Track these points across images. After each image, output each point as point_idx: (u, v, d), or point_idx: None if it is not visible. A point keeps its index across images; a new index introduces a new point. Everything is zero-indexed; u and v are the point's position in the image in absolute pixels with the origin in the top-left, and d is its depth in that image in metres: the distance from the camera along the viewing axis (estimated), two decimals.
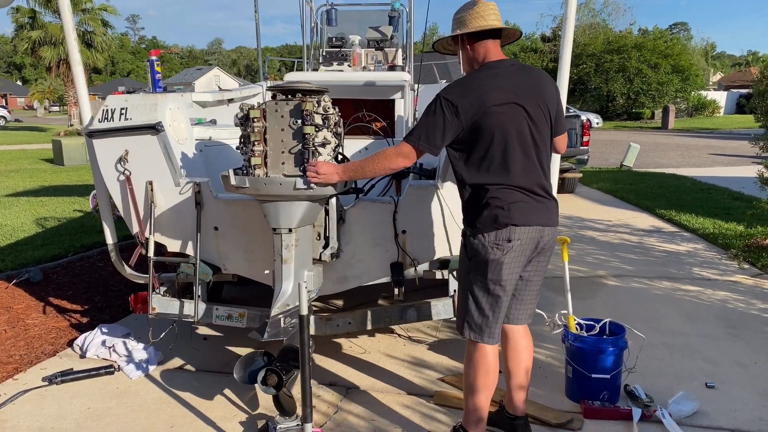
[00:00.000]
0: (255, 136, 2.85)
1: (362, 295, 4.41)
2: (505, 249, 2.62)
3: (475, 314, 2.74)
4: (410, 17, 6.76)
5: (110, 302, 5.18)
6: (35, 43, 29.67)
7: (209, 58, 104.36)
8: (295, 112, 2.83)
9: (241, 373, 3.16)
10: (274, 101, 2.87)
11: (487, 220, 2.63)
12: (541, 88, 2.71)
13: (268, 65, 8.42)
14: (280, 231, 2.95)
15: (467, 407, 2.86)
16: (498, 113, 2.58)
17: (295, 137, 2.85)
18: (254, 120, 2.85)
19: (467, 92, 2.61)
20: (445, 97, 2.61)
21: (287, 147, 2.86)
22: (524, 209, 2.63)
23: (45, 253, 6.57)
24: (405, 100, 5.52)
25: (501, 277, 2.66)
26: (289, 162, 2.87)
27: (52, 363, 4.00)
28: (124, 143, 3.39)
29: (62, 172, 15.08)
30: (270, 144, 2.86)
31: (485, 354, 2.76)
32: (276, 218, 2.93)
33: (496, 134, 2.59)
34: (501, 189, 2.62)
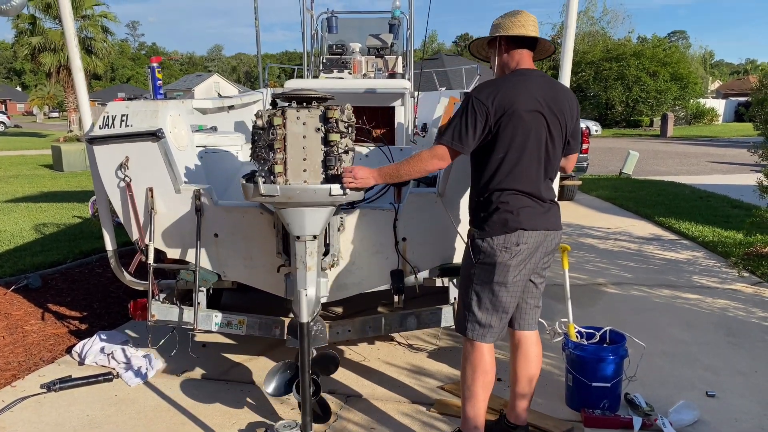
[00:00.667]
0: (278, 143, 2.80)
1: (362, 302, 4.41)
2: (513, 252, 2.68)
3: (478, 314, 2.77)
4: (410, 25, 6.79)
5: (109, 309, 5.16)
6: (35, 49, 29.67)
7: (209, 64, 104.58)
8: (321, 119, 2.80)
9: (274, 384, 3.14)
10: (295, 108, 2.82)
11: (497, 224, 2.69)
12: (564, 103, 2.76)
13: (268, 72, 8.44)
14: (304, 238, 2.92)
15: (465, 413, 2.86)
16: (523, 118, 2.63)
17: (318, 144, 2.80)
18: (277, 127, 2.79)
19: (498, 93, 2.65)
20: (476, 96, 2.66)
21: (309, 154, 2.79)
22: (532, 214, 2.71)
23: (44, 259, 6.56)
24: (405, 107, 5.53)
25: (507, 279, 2.72)
26: (311, 169, 2.80)
27: (51, 370, 3.98)
28: (125, 150, 3.38)
29: (61, 178, 15.08)
30: (290, 151, 2.81)
31: (483, 354, 2.80)
32: (301, 225, 2.89)
33: (517, 139, 2.65)
34: (512, 194, 2.69)
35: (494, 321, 2.78)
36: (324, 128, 2.78)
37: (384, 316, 3.71)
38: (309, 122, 2.78)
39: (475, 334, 2.80)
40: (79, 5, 28.69)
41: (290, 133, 2.78)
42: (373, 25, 7.16)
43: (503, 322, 2.83)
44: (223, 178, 4.15)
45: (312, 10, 7.38)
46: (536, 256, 2.78)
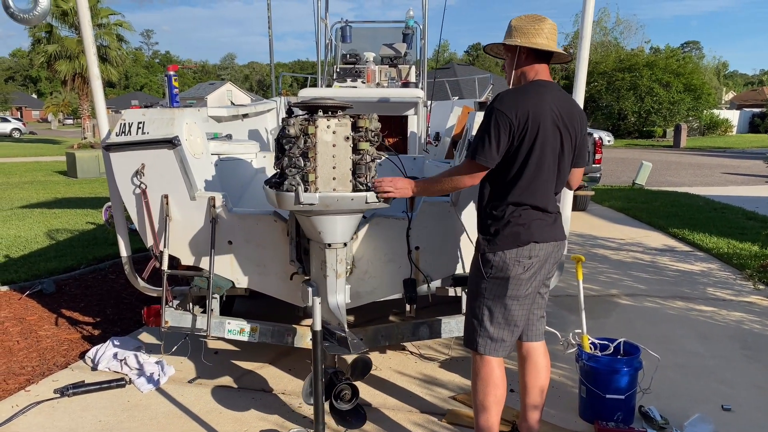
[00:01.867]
0: (311, 152, 2.81)
1: (374, 311, 4.41)
2: (526, 266, 2.67)
3: (490, 329, 2.75)
4: (424, 34, 6.81)
5: (122, 315, 5.19)
6: (51, 57, 30.09)
7: (222, 73, 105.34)
8: (351, 128, 2.82)
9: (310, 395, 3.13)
10: (326, 117, 2.84)
11: (510, 238, 2.66)
12: (575, 118, 2.73)
13: (281, 81, 8.49)
14: (336, 246, 2.93)
15: (479, 426, 2.84)
16: (543, 132, 2.60)
17: (347, 153, 2.81)
18: (311, 135, 2.78)
19: (520, 105, 2.60)
20: (499, 108, 2.60)
21: (338, 163, 2.80)
22: (542, 226, 2.70)
23: (58, 264, 6.61)
24: (418, 116, 5.54)
25: (520, 293, 2.70)
26: (340, 178, 2.81)
27: (64, 375, 4.00)
28: (141, 157, 3.41)
29: (75, 184, 15.21)
30: (319, 160, 2.80)
31: (493, 368, 2.78)
32: (333, 233, 2.89)
33: (534, 152, 2.61)
34: (523, 208, 2.67)
35: (506, 335, 2.77)
36: (354, 137, 2.79)
37: (396, 325, 3.71)
38: (339, 131, 2.79)
39: (487, 349, 2.78)
40: (95, 14, 29.09)
41: (320, 141, 2.78)
42: (387, 34, 7.20)
43: (514, 336, 2.81)
44: (238, 185, 4.17)
45: (326, 20, 7.43)
46: (546, 268, 2.77)
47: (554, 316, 4.97)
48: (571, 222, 9.96)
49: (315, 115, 2.81)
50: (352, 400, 3.06)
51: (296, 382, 3.88)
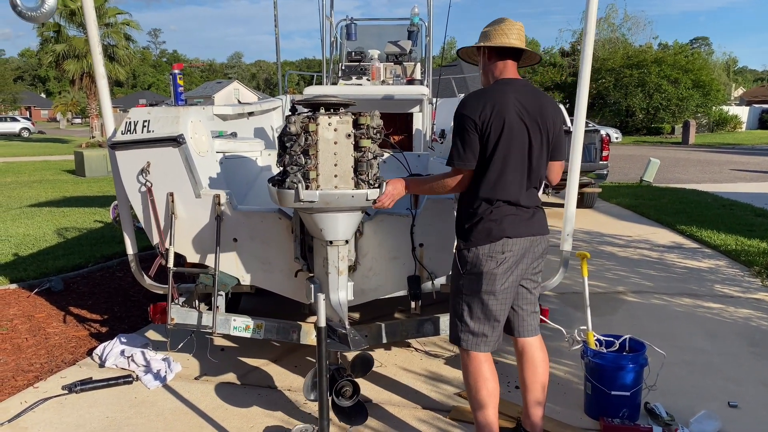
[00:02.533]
0: (312, 149, 2.83)
1: (379, 308, 4.40)
2: (499, 261, 2.72)
3: (471, 324, 2.80)
4: (429, 32, 6.80)
5: (129, 312, 5.22)
6: (59, 57, 30.28)
7: (229, 71, 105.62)
8: (352, 125, 2.82)
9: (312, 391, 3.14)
10: (327, 114, 2.84)
11: (482, 234, 2.73)
12: (545, 112, 2.78)
13: (288, 79, 8.50)
14: (337, 243, 2.95)
15: (478, 423, 2.86)
16: (506, 128, 2.67)
17: (349, 150, 2.82)
18: (312, 133, 2.79)
19: (481, 104, 2.70)
20: (462, 112, 2.73)
21: (340, 160, 2.81)
22: (515, 222, 2.75)
23: (66, 262, 6.66)
24: (423, 113, 5.54)
25: (495, 288, 2.74)
26: (341, 175, 2.82)
27: (72, 372, 4.03)
28: (146, 155, 3.43)
29: (83, 183, 15.30)
30: (321, 157, 2.82)
31: (480, 362, 2.82)
32: (335, 230, 2.90)
33: (499, 149, 2.68)
34: (495, 203, 2.73)
35: (487, 330, 2.81)
36: (355, 134, 2.80)
37: (401, 322, 3.72)
38: (340, 128, 2.79)
39: (470, 344, 2.83)
40: (103, 13, 29.26)
41: (322, 138, 2.78)
42: (392, 32, 7.20)
43: (497, 331, 2.84)
44: (243, 183, 4.18)
45: (331, 18, 7.44)
46: (524, 263, 2.80)
47: (560, 313, 4.96)
48: (579, 219, 9.94)
49: (316, 113, 2.81)
50: (353, 397, 3.07)
51: (301, 380, 3.89)
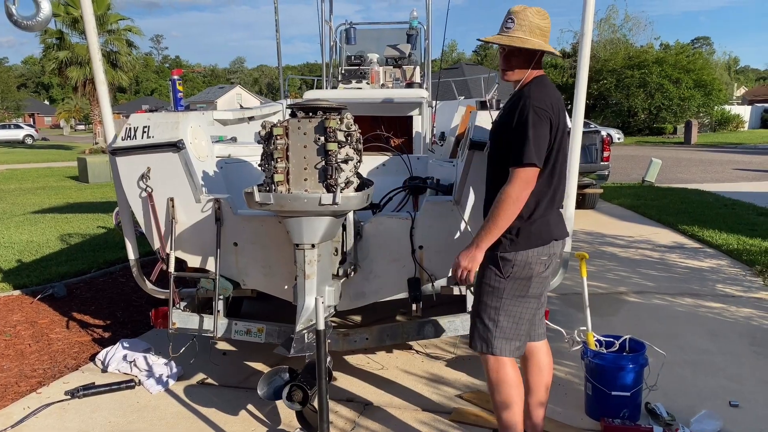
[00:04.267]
0: (278, 153, 2.88)
1: (380, 310, 4.43)
2: (547, 264, 2.67)
3: (507, 330, 2.70)
4: (428, 35, 6.82)
5: (132, 317, 5.24)
6: (62, 64, 30.38)
7: (231, 76, 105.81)
8: (319, 129, 2.86)
9: (266, 389, 3.17)
10: (296, 119, 2.90)
11: (535, 236, 2.62)
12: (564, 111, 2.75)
13: (289, 83, 8.53)
14: (303, 246, 2.98)
15: (504, 424, 2.77)
16: (561, 126, 2.62)
17: (318, 154, 2.87)
18: (277, 137, 2.88)
19: (549, 100, 2.58)
20: (539, 106, 2.53)
21: (310, 163, 2.89)
22: (559, 222, 2.75)
23: (69, 268, 6.69)
24: (423, 116, 5.55)
25: (541, 291, 2.73)
26: (311, 178, 2.89)
27: (75, 377, 4.05)
28: (147, 161, 3.45)
29: (87, 189, 15.35)
30: (292, 161, 2.89)
31: (508, 368, 2.73)
32: (299, 234, 2.96)
33: (554, 147, 2.60)
34: (548, 205, 2.66)
35: (522, 334, 2.73)
36: (321, 138, 2.83)
37: (402, 324, 3.73)
38: (309, 132, 2.85)
39: (503, 350, 2.70)
40: (105, 20, 29.37)
41: (293, 143, 2.85)
42: (391, 35, 7.22)
43: (527, 335, 2.80)
44: (243, 187, 4.19)
45: (331, 22, 7.46)
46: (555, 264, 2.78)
47: (561, 314, 4.96)
48: (581, 220, 9.93)
49: (288, 118, 2.90)
50: (303, 401, 3.03)
51: None
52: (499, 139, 2.69)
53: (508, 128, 2.58)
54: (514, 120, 2.54)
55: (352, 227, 3.34)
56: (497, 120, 2.81)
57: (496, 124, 2.80)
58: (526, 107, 2.52)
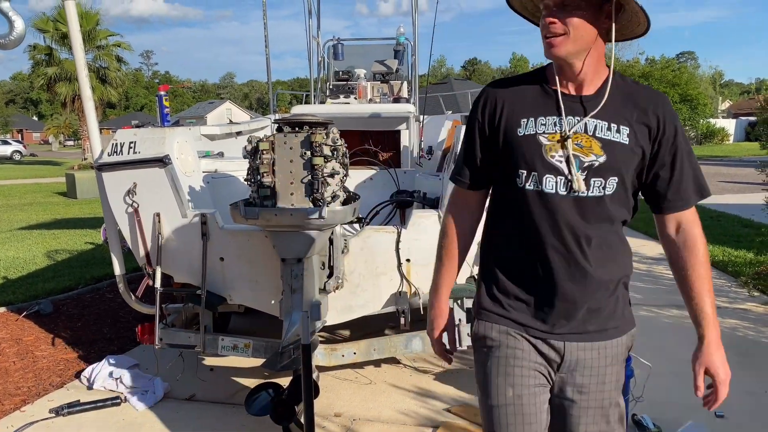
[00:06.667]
0: (264, 167, 2.89)
1: (368, 324, 4.41)
2: None
3: None
4: (415, 51, 6.89)
5: (119, 333, 5.21)
6: (51, 79, 30.31)
7: (221, 92, 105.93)
8: (305, 143, 2.88)
9: (252, 405, 3.16)
10: (282, 133, 2.92)
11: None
12: None
13: (278, 98, 8.57)
14: (289, 261, 2.98)
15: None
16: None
17: (304, 168, 2.89)
18: (263, 152, 2.89)
19: None
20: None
21: (296, 178, 2.90)
22: None
23: (56, 285, 6.64)
24: (410, 130, 5.59)
25: None
26: (297, 193, 2.90)
27: (60, 394, 4.01)
28: (133, 176, 3.46)
29: (75, 205, 15.27)
30: (278, 175, 2.90)
31: None
32: (285, 248, 2.97)
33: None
34: None
35: None
36: (307, 152, 2.85)
37: (390, 338, 3.73)
38: (295, 147, 2.87)
39: None
40: (94, 36, 29.35)
41: (279, 157, 2.87)
42: (379, 51, 7.28)
43: None
44: (229, 202, 4.20)
45: (318, 38, 7.52)
46: None
47: None
48: None
49: (275, 133, 2.91)
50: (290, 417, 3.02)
51: None
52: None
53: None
54: (668, 138, 1.69)
55: (339, 241, 3.36)
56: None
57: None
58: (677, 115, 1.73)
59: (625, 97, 1.68)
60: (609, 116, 1.66)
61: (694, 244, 1.76)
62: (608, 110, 1.66)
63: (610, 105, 1.66)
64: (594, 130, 1.66)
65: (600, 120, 1.66)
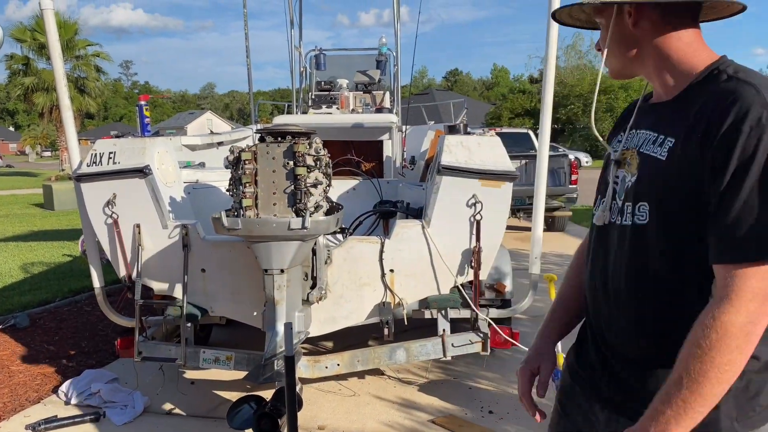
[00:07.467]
0: (246, 177, 2.87)
1: (351, 336, 4.38)
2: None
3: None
4: (397, 61, 6.91)
5: (98, 347, 5.11)
6: (28, 89, 29.93)
7: (202, 102, 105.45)
8: (288, 153, 2.86)
9: (234, 418, 3.10)
10: (265, 143, 2.90)
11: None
12: None
13: (260, 109, 8.54)
14: (272, 272, 2.95)
15: None
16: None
17: (287, 178, 2.87)
18: (245, 162, 2.87)
19: None
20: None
21: (279, 188, 2.88)
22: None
23: (32, 298, 6.51)
24: (393, 140, 5.59)
25: None
26: (280, 203, 2.88)
27: (36, 410, 3.92)
28: (112, 187, 3.41)
29: (52, 216, 15.04)
30: (261, 185, 2.88)
31: None
32: (268, 259, 2.94)
33: None
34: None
35: None
36: (290, 162, 2.84)
37: (373, 349, 3.70)
38: (278, 157, 2.85)
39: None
40: (72, 45, 29.07)
41: (261, 167, 2.85)
42: (361, 61, 7.29)
43: None
44: (211, 213, 4.16)
45: (300, 48, 7.52)
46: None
47: (531, 336, 4.94)
48: (551, 242, 10.02)
49: (257, 143, 2.90)
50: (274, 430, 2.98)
51: None
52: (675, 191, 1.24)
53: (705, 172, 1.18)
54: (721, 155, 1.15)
55: (323, 252, 3.33)
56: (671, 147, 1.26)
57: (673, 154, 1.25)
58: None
59: (699, 98, 1.23)
60: (661, 126, 1.30)
61: (701, 323, 1.14)
62: (665, 118, 1.30)
63: (671, 111, 1.29)
64: (640, 144, 1.34)
65: (650, 131, 1.33)
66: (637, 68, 1.39)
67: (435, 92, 40.69)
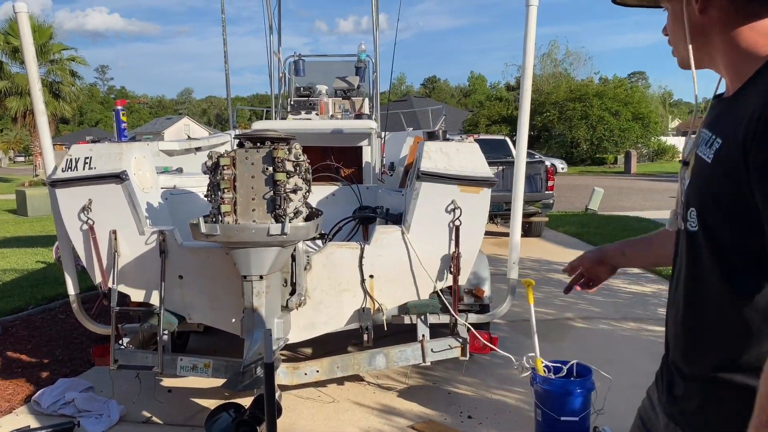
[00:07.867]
0: (225, 183, 2.86)
1: (331, 342, 4.38)
2: None
3: None
4: (376, 68, 6.93)
5: (72, 355, 5.02)
6: (1, 94, 29.41)
7: (179, 107, 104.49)
8: (267, 159, 2.86)
9: (212, 427, 3.08)
10: (244, 149, 2.89)
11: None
12: None
13: (238, 114, 8.49)
14: (251, 278, 2.94)
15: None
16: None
17: (266, 184, 2.86)
18: (224, 168, 2.86)
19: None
20: None
21: (258, 194, 2.87)
22: None
23: (4, 306, 6.38)
24: (372, 146, 5.60)
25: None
26: (259, 209, 2.88)
27: (8, 421, 3.84)
28: (88, 192, 3.36)
29: (25, 222, 14.77)
30: (240, 191, 2.87)
31: None
32: (247, 265, 2.93)
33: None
34: None
35: None
36: (270, 168, 2.83)
37: (353, 355, 3.70)
38: (257, 162, 2.85)
39: None
40: (47, 50, 28.68)
41: (240, 173, 2.84)
42: (340, 67, 7.30)
43: None
44: (189, 219, 4.13)
45: (279, 54, 7.50)
46: None
47: (510, 341, 5.02)
48: (527, 248, 10.08)
49: (236, 148, 2.89)
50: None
51: None
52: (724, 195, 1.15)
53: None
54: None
55: (302, 257, 3.32)
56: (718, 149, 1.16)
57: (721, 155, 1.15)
58: None
59: (752, 96, 1.10)
60: (716, 126, 1.19)
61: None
62: (720, 117, 1.21)
63: (727, 109, 1.19)
64: (699, 145, 1.24)
65: (707, 131, 1.22)
66: (705, 59, 1.26)
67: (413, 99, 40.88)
